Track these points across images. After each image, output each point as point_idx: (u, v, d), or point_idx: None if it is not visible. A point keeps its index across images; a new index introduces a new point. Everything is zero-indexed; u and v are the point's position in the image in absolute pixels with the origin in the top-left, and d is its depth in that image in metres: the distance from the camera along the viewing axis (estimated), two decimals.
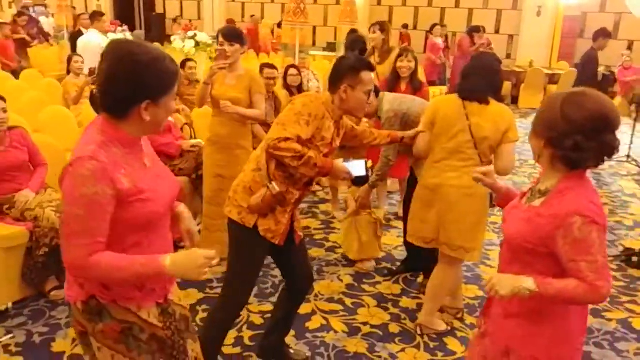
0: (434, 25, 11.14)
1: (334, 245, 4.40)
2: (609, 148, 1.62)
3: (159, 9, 17.42)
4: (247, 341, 3.10)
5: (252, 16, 14.61)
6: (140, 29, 16.88)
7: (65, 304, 3.33)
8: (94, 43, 6.74)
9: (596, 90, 1.66)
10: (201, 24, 15.42)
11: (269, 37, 13.69)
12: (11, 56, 9.12)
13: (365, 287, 3.77)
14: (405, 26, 14.02)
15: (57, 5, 8.90)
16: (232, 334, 3.12)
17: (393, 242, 4.52)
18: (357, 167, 2.56)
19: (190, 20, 15.46)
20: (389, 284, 3.81)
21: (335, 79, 2.52)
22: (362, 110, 2.63)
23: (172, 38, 8.31)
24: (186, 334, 1.89)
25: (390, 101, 3.41)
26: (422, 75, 7.85)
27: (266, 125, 5.23)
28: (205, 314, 3.32)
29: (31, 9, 15.30)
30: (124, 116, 1.60)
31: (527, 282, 1.59)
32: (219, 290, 3.57)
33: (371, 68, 2.57)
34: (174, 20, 14.94)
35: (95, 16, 7.30)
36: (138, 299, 1.71)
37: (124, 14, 17.54)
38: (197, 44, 8.19)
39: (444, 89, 10.46)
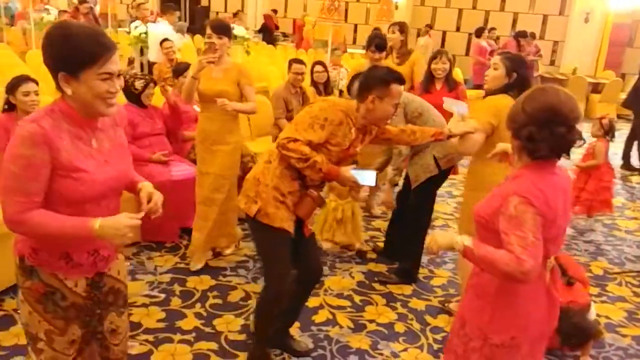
0: (480, 29, 10.99)
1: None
2: (562, 140, 1.72)
3: (204, 2, 17.72)
4: (253, 329, 3.15)
5: (273, 10, 14.71)
6: (185, 21, 17.21)
7: None
8: (161, 33, 7.04)
9: (560, 87, 1.79)
10: (244, 18, 15.60)
11: (310, 33, 13.75)
12: None
13: (376, 285, 3.78)
14: (429, 26, 13.89)
15: None
16: (238, 321, 3.19)
17: None
18: (368, 177, 2.59)
19: (235, 14, 15.72)
20: (400, 284, 3.80)
21: (364, 89, 2.55)
22: (386, 121, 2.67)
23: None
24: (112, 307, 1.98)
25: None
26: (457, 76, 7.80)
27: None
28: (216, 300, 3.40)
29: None
30: (60, 90, 1.69)
31: (464, 238, 1.76)
32: (231, 279, 3.69)
33: (401, 81, 2.57)
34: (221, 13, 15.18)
35: (169, 9, 7.71)
36: (64, 270, 1.81)
37: (170, 5, 17.92)
38: (234, 37, 8.34)
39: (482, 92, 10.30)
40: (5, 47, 8.13)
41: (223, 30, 3.50)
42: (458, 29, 14.90)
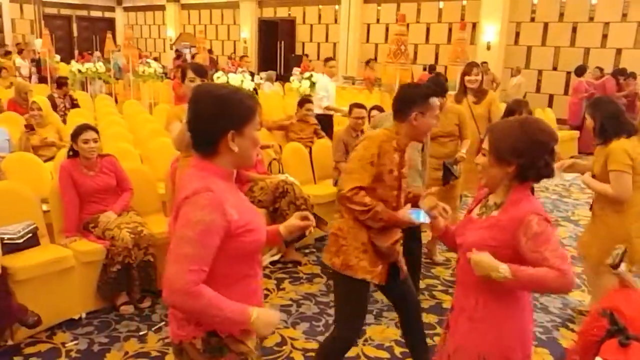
0: (582, 67, 10.58)
1: None
2: (555, 158, 1.91)
3: (298, 51, 18.45)
4: None
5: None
6: (281, 68, 18.02)
7: (129, 318, 3.63)
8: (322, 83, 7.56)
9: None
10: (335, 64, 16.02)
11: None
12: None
13: None
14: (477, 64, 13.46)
15: (198, 47, 9.84)
16: None
17: None
18: (422, 215, 2.51)
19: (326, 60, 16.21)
20: None
21: (404, 107, 2.59)
22: (427, 134, 2.74)
23: (291, 79, 8.77)
24: None
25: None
26: (549, 117, 7.44)
27: None
28: None
29: (187, 50, 17.15)
30: (215, 151, 1.68)
31: (503, 268, 1.75)
32: None
33: (437, 93, 2.65)
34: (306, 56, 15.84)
35: (328, 61, 8.21)
36: (247, 331, 1.73)
37: (267, 56, 18.94)
38: (313, 84, 8.57)
39: (575, 134, 9.75)
40: (105, 97, 8.94)
41: (204, 73, 3.67)
42: (555, 68, 14.23)
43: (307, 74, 8.54)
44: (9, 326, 3.18)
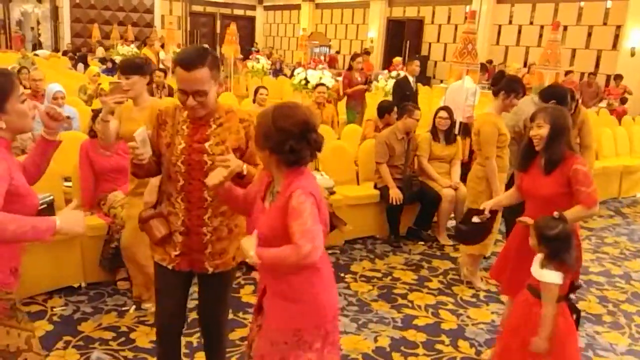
0: None
1: (402, 303, 3.96)
2: (317, 144, 1.92)
3: (424, 52, 18.00)
4: None
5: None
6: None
7: (122, 293, 3.84)
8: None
9: (295, 102, 2.04)
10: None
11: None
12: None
13: (397, 356, 3.30)
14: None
15: (301, 44, 10.05)
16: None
17: (480, 316, 3.84)
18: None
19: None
20: None
21: None
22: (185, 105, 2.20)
23: (379, 77, 8.62)
24: None
25: None
26: None
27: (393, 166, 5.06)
28: None
29: (317, 49, 17.56)
30: None
31: (251, 254, 1.86)
32: (249, 316, 3.61)
33: (181, 65, 2.11)
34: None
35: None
36: (13, 285, 1.98)
37: (392, 56, 18.71)
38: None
39: None
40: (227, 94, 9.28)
41: (131, 69, 3.29)
42: None
43: (394, 73, 8.34)
44: None
